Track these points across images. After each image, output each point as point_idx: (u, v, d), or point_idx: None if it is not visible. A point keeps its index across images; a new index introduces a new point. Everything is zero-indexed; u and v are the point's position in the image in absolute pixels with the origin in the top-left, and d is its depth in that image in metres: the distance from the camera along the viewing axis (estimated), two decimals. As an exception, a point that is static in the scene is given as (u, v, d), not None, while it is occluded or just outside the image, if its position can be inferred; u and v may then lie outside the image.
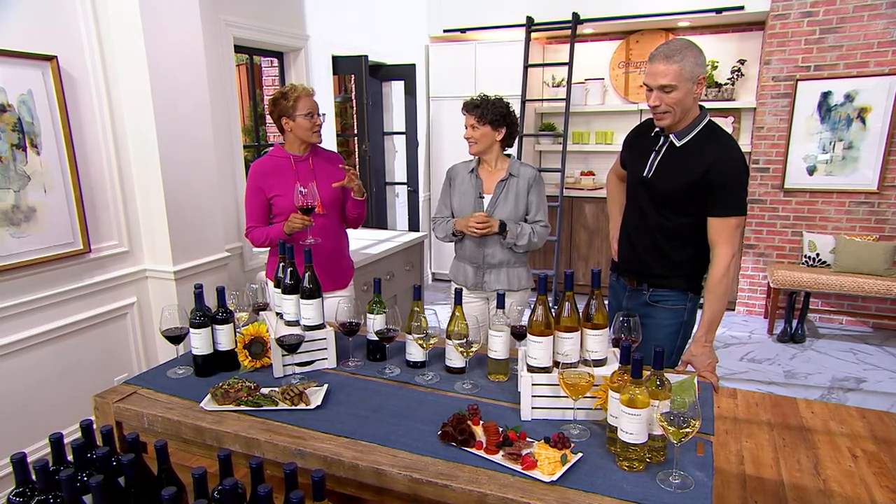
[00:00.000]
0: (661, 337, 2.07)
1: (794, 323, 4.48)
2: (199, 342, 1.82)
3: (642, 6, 4.88)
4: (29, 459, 1.21)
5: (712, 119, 1.98)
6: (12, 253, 2.27)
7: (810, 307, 4.67)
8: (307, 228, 2.33)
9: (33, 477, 1.19)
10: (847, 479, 2.69)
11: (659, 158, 2.00)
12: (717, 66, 5.06)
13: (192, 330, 1.81)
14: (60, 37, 2.38)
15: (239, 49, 3.52)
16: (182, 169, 2.74)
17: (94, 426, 1.38)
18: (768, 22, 4.61)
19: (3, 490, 2.32)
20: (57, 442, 1.27)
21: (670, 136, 1.97)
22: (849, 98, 4.42)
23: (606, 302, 2.27)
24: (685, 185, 1.92)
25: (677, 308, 2.08)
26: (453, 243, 2.63)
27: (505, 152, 2.54)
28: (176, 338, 1.83)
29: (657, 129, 2.02)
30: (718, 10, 4.66)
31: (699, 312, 2.11)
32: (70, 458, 1.30)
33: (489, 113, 2.40)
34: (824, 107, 4.50)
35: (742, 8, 4.59)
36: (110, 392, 1.77)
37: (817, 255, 4.56)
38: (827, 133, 4.53)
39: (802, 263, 4.65)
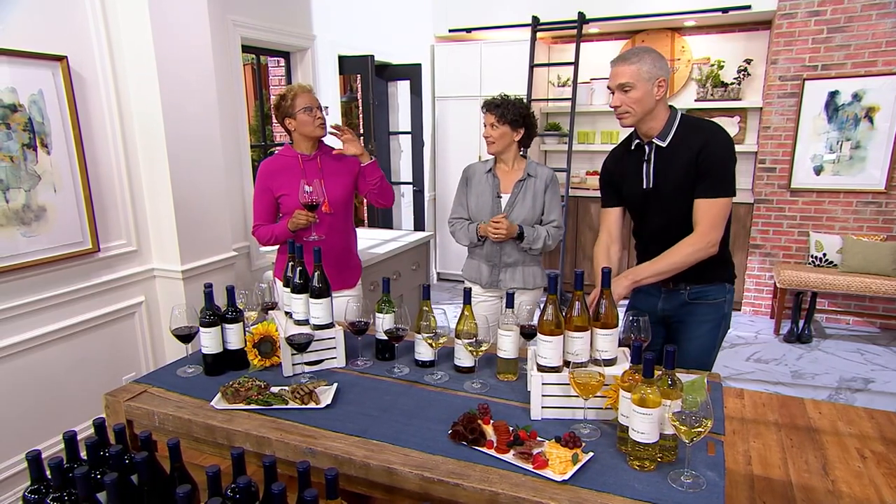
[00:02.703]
0: (703, 333, 2.07)
1: (801, 323, 4.47)
2: (209, 341, 1.83)
3: (648, 6, 4.87)
4: (41, 456, 1.22)
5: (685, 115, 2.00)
6: (23, 252, 2.28)
7: (817, 307, 4.65)
8: (311, 225, 2.33)
9: (48, 474, 1.20)
10: (856, 479, 2.68)
11: (652, 165, 2.00)
12: (723, 66, 5.05)
13: (202, 329, 1.82)
14: (70, 37, 2.39)
15: (246, 49, 3.53)
16: (190, 168, 2.75)
17: (107, 424, 1.39)
18: (775, 21, 4.60)
19: (16, 487, 2.33)
20: (71, 440, 1.28)
21: (654, 140, 1.98)
22: (856, 97, 4.40)
23: (626, 304, 2.22)
24: (687, 176, 1.92)
25: (718, 301, 2.07)
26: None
27: (521, 153, 2.56)
28: (185, 336, 1.84)
29: (637, 142, 2.03)
30: (725, 10, 4.65)
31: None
32: (84, 455, 1.31)
33: (509, 113, 2.41)
34: (832, 106, 4.48)
35: (749, 7, 4.57)
36: (121, 390, 1.78)
37: (824, 255, 4.54)
38: (834, 133, 4.51)
39: (809, 263, 4.63)
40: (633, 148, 2.06)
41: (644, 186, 2.03)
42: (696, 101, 5.14)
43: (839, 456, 2.87)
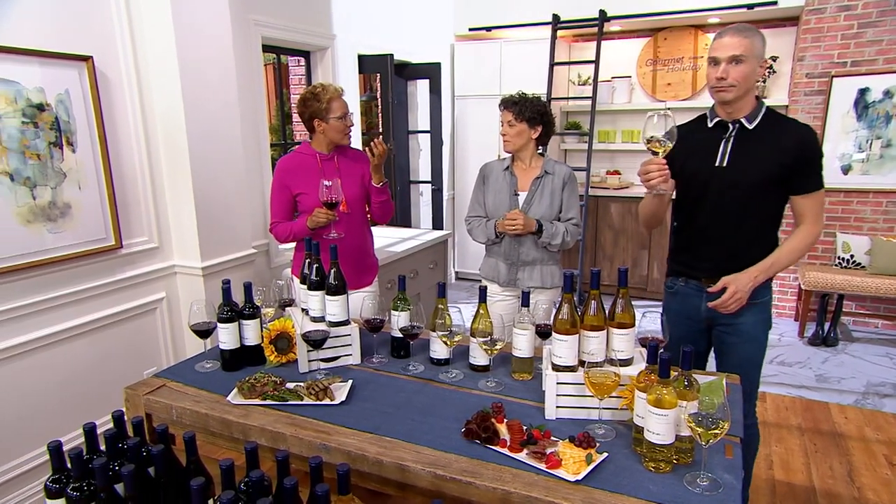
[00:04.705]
0: (756, 335, 2.03)
1: (827, 326, 4.36)
2: (226, 337, 1.85)
3: (671, 3, 4.80)
4: (64, 448, 1.24)
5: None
6: (49, 248, 2.34)
7: (844, 310, 4.54)
8: (331, 223, 2.34)
9: (68, 465, 1.22)
10: (884, 487, 2.61)
11: (731, 145, 1.94)
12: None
13: (219, 325, 1.84)
14: (96, 37, 2.44)
15: (267, 49, 3.56)
16: (211, 166, 2.79)
17: (126, 417, 1.42)
18: (802, 17, 4.50)
19: (41, 477, 2.39)
20: (90, 431, 1.31)
21: (741, 119, 1.92)
22: (888, 94, 4.28)
23: (662, 308, 2.16)
24: (776, 165, 1.88)
25: (764, 301, 2.02)
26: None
27: (539, 151, 2.54)
28: (204, 332, 1.86)
29: (717, 120, 1.97)
30: (750, 6, 4.57)
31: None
32: (102, 447, 1.34)
33: (527, 110, 2.40)
34: (861, 104, 4.37)
35: (775, 3, 4.48)
36: (140, 384, 1.81)
37: (851, 256, 4.43)
38: (864, 131, 4.40)
39: (836, 265, 4.52)
40: (711, 125, 1.99)
41: (716, 163, 1.96)
42: (719, 99, 5.05)
43: (866, 462, 2.80)
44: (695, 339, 2.10)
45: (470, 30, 5.56)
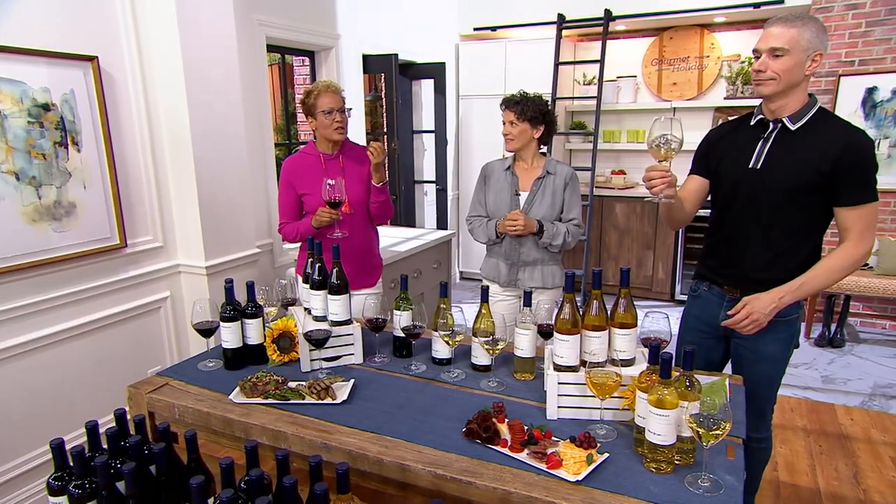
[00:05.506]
0: (775, 353, 1.89)
1: (833, 327, 4.33)
2: (228, 336, 1.85)
3: (676, 2, 4.78)
4: (68, 447, 1.25)
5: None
6: (53, 247, 2.35)
7: (851, 311, 4.51)
8: (335, 222, 2.35)
9: (71, 463, 1.23)
10: (890, 489, 2.59)
11: (769, 146, 1.81)
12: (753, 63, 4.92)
13: (222, 323, 1.85)
14: (101, 37, 2.45)
15: (271, 49, 3.57)
16: (215, 166, 2.79)
17: (128, 415, 1.42)
18: (809, 16, 4.47)
19: (44, 475, 2.40)
20: (92, 429, 1.31)
21: (783, 119, 1.79)
22: None
23: (682, 312, 2.12)
24: (813, 172, 1.73)
25: (792, 318, 1.88)
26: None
27: (540, 150, 2.53)
28: (207, 331, 1.87)
29: (759, 118, 1.86)
30: (756, 5, 4.54)
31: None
32: (104, 445, 1.34)
33: (529, 110, 2.39)
34: (869, 103, 4.34)
35: (782, 2, 4.46)
36: (143, 383, 1.81)
37: (859, 256, 4.39)
38: (871, 130, 4.35)
39: (843, 265, 4.48)
40: (752, 123, 1.88)
41: (750, 165, 1.83)
42: (725, 98, 5.02)
43: (872, 465, 2.78)
44: (711, 348, 2.02)
45: (475, 29, 5.56)
